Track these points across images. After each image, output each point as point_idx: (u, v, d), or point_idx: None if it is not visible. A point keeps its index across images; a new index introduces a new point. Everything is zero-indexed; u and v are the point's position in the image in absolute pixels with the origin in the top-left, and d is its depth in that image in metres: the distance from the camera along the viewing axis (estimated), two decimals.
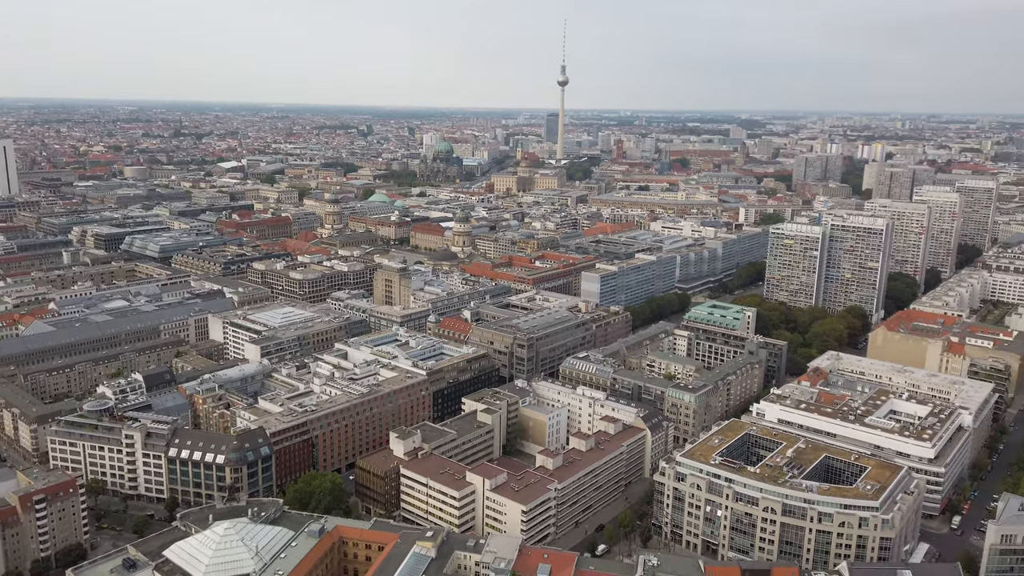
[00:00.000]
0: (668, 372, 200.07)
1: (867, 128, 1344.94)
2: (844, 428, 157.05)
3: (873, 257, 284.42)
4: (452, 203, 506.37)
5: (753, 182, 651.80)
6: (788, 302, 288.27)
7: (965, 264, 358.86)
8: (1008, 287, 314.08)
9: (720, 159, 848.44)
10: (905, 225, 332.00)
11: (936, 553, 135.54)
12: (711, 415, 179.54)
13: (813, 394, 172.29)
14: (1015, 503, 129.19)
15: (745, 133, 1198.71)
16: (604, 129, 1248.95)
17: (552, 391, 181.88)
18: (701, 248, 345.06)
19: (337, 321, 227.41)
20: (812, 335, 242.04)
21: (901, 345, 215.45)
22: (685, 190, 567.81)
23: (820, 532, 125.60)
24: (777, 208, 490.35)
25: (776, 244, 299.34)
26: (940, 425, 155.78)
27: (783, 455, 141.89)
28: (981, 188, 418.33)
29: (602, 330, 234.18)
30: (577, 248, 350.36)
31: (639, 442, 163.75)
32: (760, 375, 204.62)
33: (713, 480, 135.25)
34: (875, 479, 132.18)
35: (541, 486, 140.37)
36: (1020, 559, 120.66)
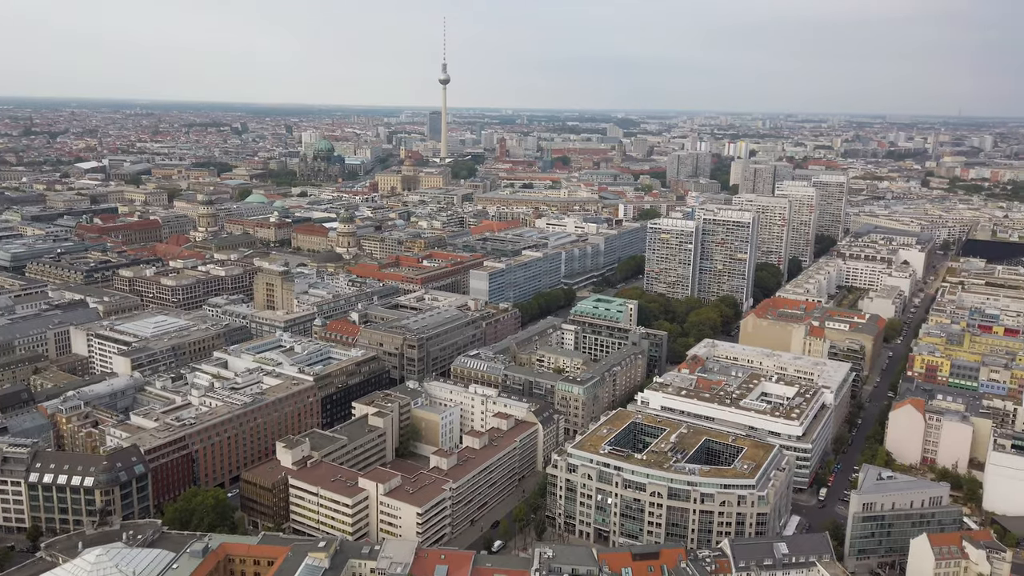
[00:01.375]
0: (557, 366, 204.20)
1: (732, 127, 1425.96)
2: (721, 412, 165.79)
3: (742, 249, 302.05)
4: (335, 203, 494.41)
5: (631, 179, 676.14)
6: (667, 293, 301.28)
7: (822, 253, 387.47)
8: (860, 273, 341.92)
9: (599, 157, 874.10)
10: (769, 218, 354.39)
11: (806, 524, 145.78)
12: (599, 406, 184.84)
13: (692, 381, 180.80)
14: (873, 473, 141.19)
15: (622, 132, 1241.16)
16: (487, 128, 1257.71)
17: (444, 391, 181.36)
18: (584, 244, 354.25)
19: (215, 329, 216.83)
20: (689, 324, 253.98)
21: (769, 331, 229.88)
22: (567, 187, 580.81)
23: (703, 512, 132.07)
24: (654, 204, 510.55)
25: (654, 239, 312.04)
26: (806, 404, 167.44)
27: (667, 441, 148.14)
28: (834, 183, 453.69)
29: (492, 327, 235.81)
30: (464, 246, 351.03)
31: (531, 436, 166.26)
32: (643, 365, 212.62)
33: (603, 469, 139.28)
34: (751, 458, 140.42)
35: (436, 487, 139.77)
36: (879, 525, 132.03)
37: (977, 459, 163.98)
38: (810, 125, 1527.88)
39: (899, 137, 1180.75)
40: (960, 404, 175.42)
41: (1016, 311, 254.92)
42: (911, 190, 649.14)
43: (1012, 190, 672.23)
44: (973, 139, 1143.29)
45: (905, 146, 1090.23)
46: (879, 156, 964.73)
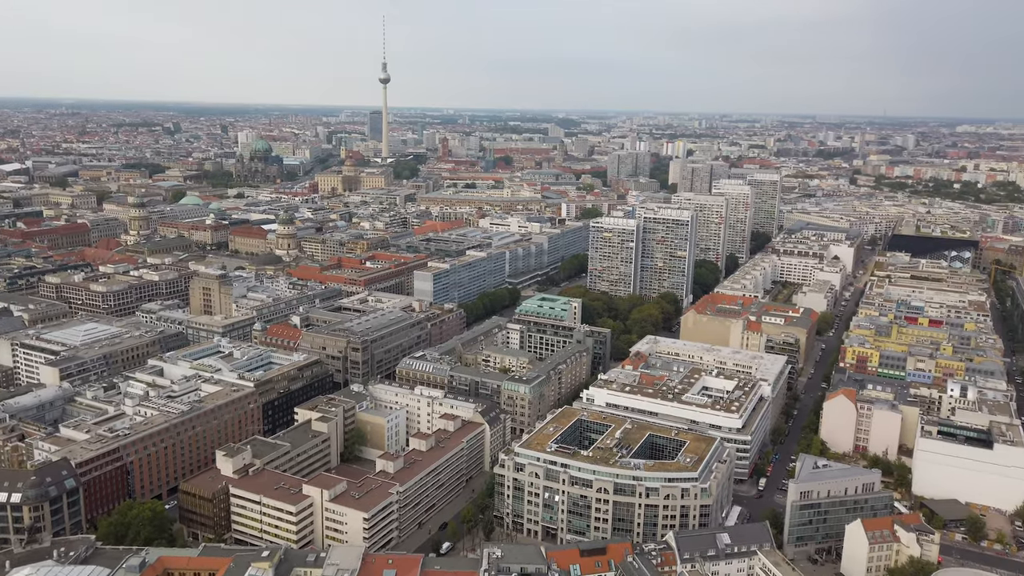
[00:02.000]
0: (503, 366, 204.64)
1: (669, 127, 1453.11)
2: (664, 406, 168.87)
3: (681, 246, 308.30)
4: (274, 204, 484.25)
5: (572, 179, 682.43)
6: (610, 291, 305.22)
7: (758, 249, 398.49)
8: (794, 269, 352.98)
9: (541, 157, 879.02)
10: (707, 216, 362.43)
11: (747, 514, 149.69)
12: (545, 404, 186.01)
13: (635, 377, 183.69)
14: (810, 462, 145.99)
15: (563, 132, 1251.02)
16: (429, 127, 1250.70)
17: (390, 393, 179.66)
18: (528, 243, 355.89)
19: (150, 335, 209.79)
20: (632, 321, 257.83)
21: (709, 326, 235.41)
22: (510, 187, 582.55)
23: (648, 506, 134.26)
24: (595, 203, 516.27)
25: (596, 237, 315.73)
26: (745, 397, 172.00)
27: (612, 437, 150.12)
28: (767, 181, 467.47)
29: (437, 328, 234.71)
30: (408, 247, 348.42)
31: (478, 437, 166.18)
32: (588, 362, 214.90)
33: (550, 467, 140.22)
34: (693, 452, 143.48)
35: (382, 491, 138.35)
36: (816, 512, 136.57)
37: (906, 445, 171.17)
38: (744, 125, 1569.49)
39: (828, 136, 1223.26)
40: (889, 393, 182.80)
41: (939, 303, 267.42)
42: (840, 188, 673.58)
43: (933, 187, 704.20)
44: (897, 138, 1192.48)
45: (834, 145, 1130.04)
46: (810, 155, 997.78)
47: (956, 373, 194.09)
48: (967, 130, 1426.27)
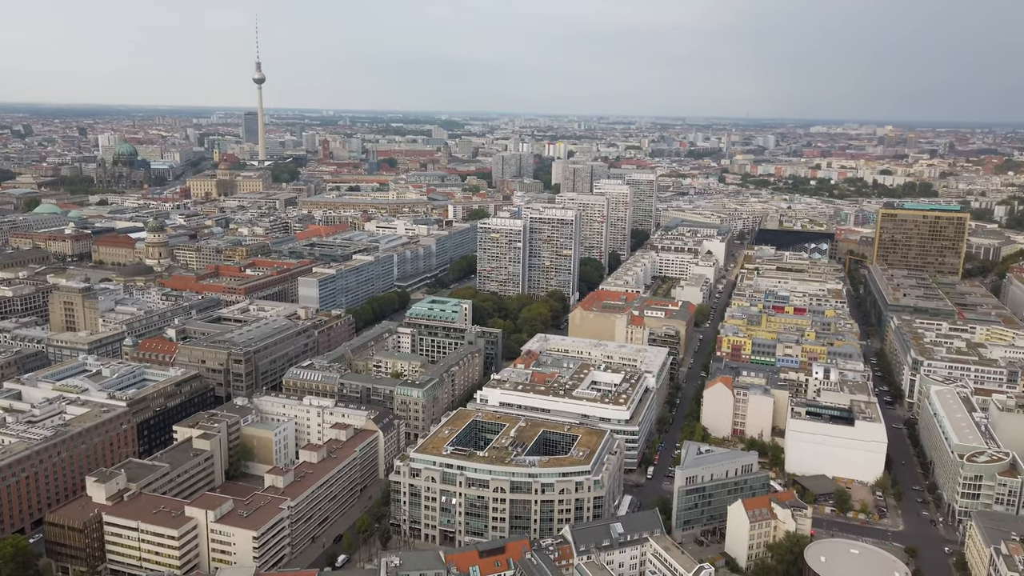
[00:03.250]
0: (395, 370, 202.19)
1: (550, 128, 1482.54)
2: (556, 403, 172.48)
3: (567, 245, 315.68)
4: (142, 211, 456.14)
5: (458, 180, 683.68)
6: (499, 291, 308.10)
7: (638, 247, 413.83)
8: (671, 264, 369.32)
9: (426, 158, 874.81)
10: (590, 215, 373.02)
11: (638, 503, 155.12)
12: (439, 407, 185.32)
13: (527, 375, 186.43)
14: (693, 449, 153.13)
15: (446, 133, 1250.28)
16: (308, 129, 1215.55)
17: (276, 405, 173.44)
18: (416, 246, 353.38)
19: (4, 356, 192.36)
20: (522, 320, 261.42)
21: (595, 322, 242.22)
22: (395, 189, 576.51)
23: (544, 502, 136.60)
24: (482, 204, 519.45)
25: (484, 238, 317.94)
26: (632, 389, 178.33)
27: (507, 436, 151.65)
28: (644, 180, 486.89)
29: (325, 335, 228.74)
30: (291, 253, 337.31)
31: (372, 444, 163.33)
32: (480, 363, 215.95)
33: (446, 470, 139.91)
34: (585, 445, 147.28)
35: (272, 507, 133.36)
36: (701, 496, 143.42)
37: (779, 427, 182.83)
38: (620, 127, 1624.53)
39: (697, 137, 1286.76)
40: (762, 379, 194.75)
41: (802, 292, 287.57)
42: (710, 186, 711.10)
43: (793, 184, 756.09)
44: (759, 139, 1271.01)
45: (703, 146, 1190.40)
46: (682, 155, 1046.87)
47: (819, 357, 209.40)
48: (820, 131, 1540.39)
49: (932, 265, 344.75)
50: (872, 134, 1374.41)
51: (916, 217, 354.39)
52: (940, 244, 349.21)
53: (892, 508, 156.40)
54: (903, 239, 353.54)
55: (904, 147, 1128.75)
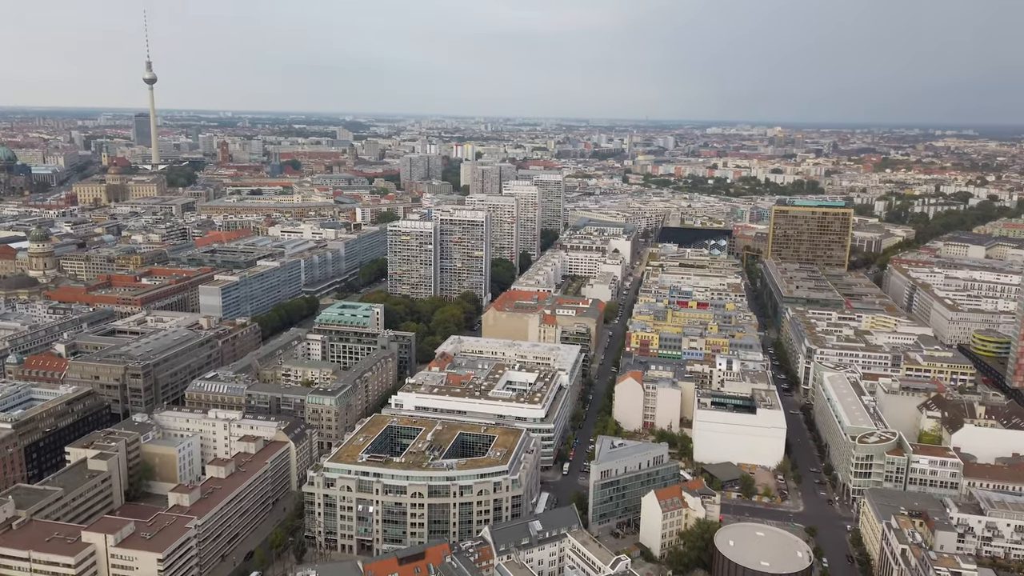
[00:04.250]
0: (306, 379, 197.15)
1: (457, 130, 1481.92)
2: (472, 404, 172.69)
3: (478, 246, 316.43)
4: (23, 219, 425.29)
5: (365, 182, 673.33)
6: (411, 294, 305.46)
7: (548, 246, 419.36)
8: (580, 263, 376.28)
9: (331, 161, 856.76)
10: (499, 216, 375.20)
11: (555, 499, 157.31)
12: (353, 414, 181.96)
13: (443, 378, 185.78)
14: (607, 443, 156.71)
15: (352, 135, 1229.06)
16: (205, 131, 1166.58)
17: (179, 420, 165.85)
18: (324, 250, 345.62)
19: None
20: (435, 323, 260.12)
21: (508, 322, 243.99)
22: (300, 192, 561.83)
23: (463, 505, 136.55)
24: (390, 207, 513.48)
25: (394, 241, 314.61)
26: (546, 388, 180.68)
27: (424, 440, 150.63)
28: (552, 181, 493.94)
29: (229, 345, 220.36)
30: (190, 260, 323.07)
31: (283, 456, 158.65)
32: (394, 367, 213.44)
33: (362, 478, 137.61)
34: (502, 445, 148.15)
35: (178, 527, 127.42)
36: (616, 489, 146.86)
37: (686, 418, 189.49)
38: (527, 128, 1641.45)
39: (601, 139, 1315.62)
40: (669, 372, 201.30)
41: (704, 287, 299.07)
42: (615, 186, 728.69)
43: (692, 183, 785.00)
44: (659, 140, 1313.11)
45: (606, 147, 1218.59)
46: (586, 156, 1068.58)
47: (722, 349, 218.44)
48: (716, 132, 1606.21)
49: (821, 258, 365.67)
50: (763, 135, 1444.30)
51: (805, 213, 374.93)
52: (828, 238, 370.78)
53: (793, 490, 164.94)
54: (794, 234, 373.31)
55: (792, 147, 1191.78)
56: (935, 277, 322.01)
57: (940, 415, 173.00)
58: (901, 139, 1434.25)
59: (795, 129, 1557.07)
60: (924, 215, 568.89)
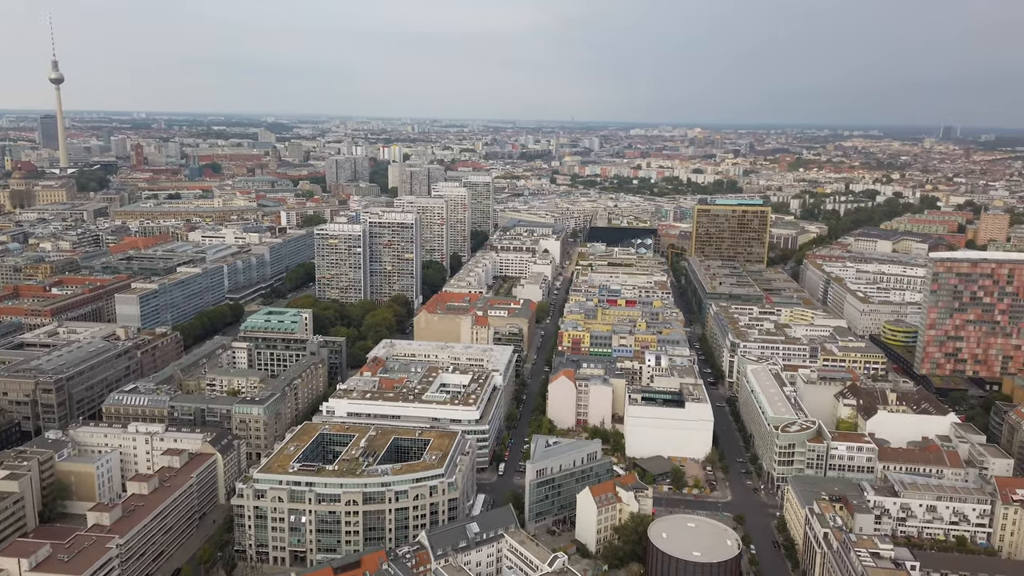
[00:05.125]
0: (232, 388, 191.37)
1: (384, 131, 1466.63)
2: (406, 408, 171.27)
3: (408, 249, 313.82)
4: None
5: (290, 185, 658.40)
6: (340, 299, 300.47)
7: (478, 248, 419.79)
8: (511, 264, 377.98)
9: (253, 163, 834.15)
10: (429, 218, 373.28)
11: (491, 500, 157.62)
12: (282, 423, 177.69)
13: (375, 382, 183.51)
14: (542, 442, 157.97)
15: (274, 137, 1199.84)
16: (117, 133, 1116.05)
17: (97, 435, 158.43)
18: (248, 255, 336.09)
19: None
20: (366, 327, 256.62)
21: (440, 324, 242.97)
22: (221, 196, 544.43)
23: (399, 510, 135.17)
24: (317, 210, 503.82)
25: (322, 244, 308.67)
26: (480, 389, 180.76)
27: (357, 446, 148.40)
28: (481, 183, 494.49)
29: (149, 356, 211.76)
30: (105, 268, 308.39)
31: (210, 468, 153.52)
32: (324, 374, 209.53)
33: (294, 488, 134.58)
34: (437, 448, 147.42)
35: (98, 548, 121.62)
36: (551, 487, 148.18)
37: (618, 414, 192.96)
38: (454, 130, 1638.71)
39: (528, 140, 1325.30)
40: (600, 369, 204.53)
41: (632, 285, 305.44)
42: (543, 187, 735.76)
43: (618, 183, 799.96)
44: (585, 141, 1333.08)
45: (534, 148, 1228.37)
46: (514, 157, 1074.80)
47: (651, 345, 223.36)
48: (639, 133, 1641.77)
49: (741, 255, 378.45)
50: (684, 136, 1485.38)
51: (726, 212, 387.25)
52: (747, 236, 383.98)
53: (721, 481, 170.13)
54: (716, 232, 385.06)
55: (712, 148, 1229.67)
56: (847, 271, 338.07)
57: (855, 403, 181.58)
58: (812, 139, 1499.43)
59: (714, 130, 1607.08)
60: (836, 212, 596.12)
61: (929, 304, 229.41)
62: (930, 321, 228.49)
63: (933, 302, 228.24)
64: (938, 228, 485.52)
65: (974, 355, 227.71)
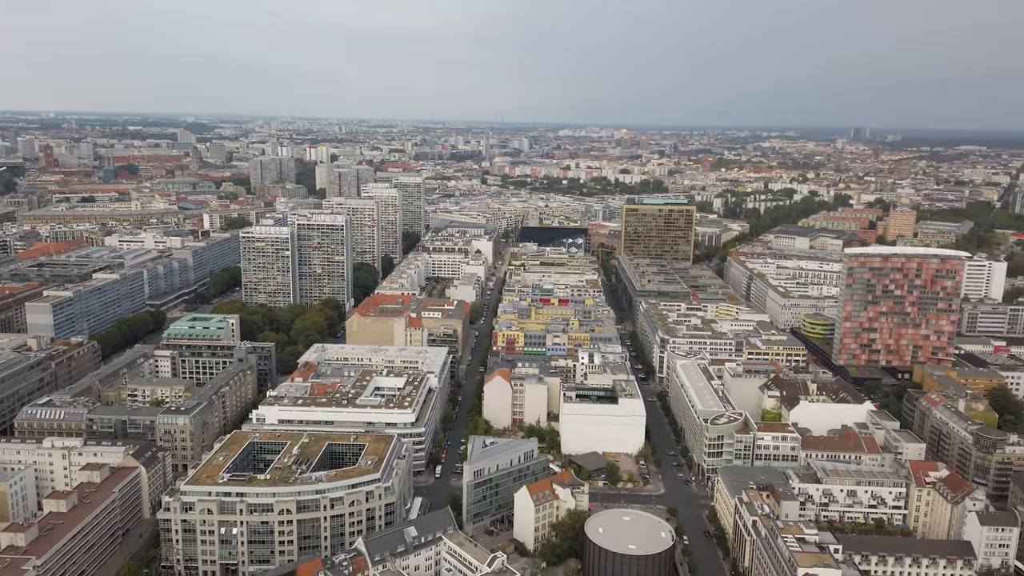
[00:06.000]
0: (155, 398, 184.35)
1: (310, 132, 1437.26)
2: (340, 413, 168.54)
3: (338, 251, 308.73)
4: None
5: (212, 187, 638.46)
6: (268, 303, 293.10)
7: (410, 249, 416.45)
8: (444, 264, 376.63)
9: (173, 164, 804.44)
10: (360, 219, 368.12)
11: (428, 503, 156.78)
12: (210, 433, 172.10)
13: (307, 388, 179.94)
14: (479, 443, 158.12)
15: (195, 137, 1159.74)
16: (24, 133, 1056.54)
17: (9, 452, 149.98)
18: (170, 259, 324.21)
19: None
20: (296, 332, 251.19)
21: (373, 327, 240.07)
22: (139, 199, 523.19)
23: (334, 517, 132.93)
24: (241, 212, 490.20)
25: (248, 248, 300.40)
26: (415, 392, 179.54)
27: (290, 454, 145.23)
28: (412, 183, 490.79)
29: (64, 367, 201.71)
30: (14, 275, 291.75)
31: (133, 483, 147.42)
32: (253, 381, 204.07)
33: (224, 499, 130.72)
34: (373, 453, 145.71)
35: (13, 570, 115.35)
36: (489, 487, 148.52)
37: (553, 412, 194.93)
38: (382, 130, 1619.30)
39: (458, 141, 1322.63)
40: (535, 368, 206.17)
41: (564, 284, 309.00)
42: (474, 187, 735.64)
43: (548, 184, 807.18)
44: (514, 142, 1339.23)
45: (464, 149, 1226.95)
46: (444, 158, 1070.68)
47: (584, 343, 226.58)
48: (567, 134, 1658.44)
49: (669, 253, 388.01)
50: (611, 136, 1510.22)
51: (653, 211, 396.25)
52: (674, 234, 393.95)
53: (654, 474, 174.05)
54: (644, 231, 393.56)
55: (638, 148, 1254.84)
56: (768, 267, 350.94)
57: (779, 394, 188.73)
58: (733, 140, 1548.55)
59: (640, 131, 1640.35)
60: (756, 210, 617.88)
61: (845, 298, 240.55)
62: (846, 314, 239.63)
63: (848, 296, 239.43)
64: (851, 225, 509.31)
65: (887, 345, 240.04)
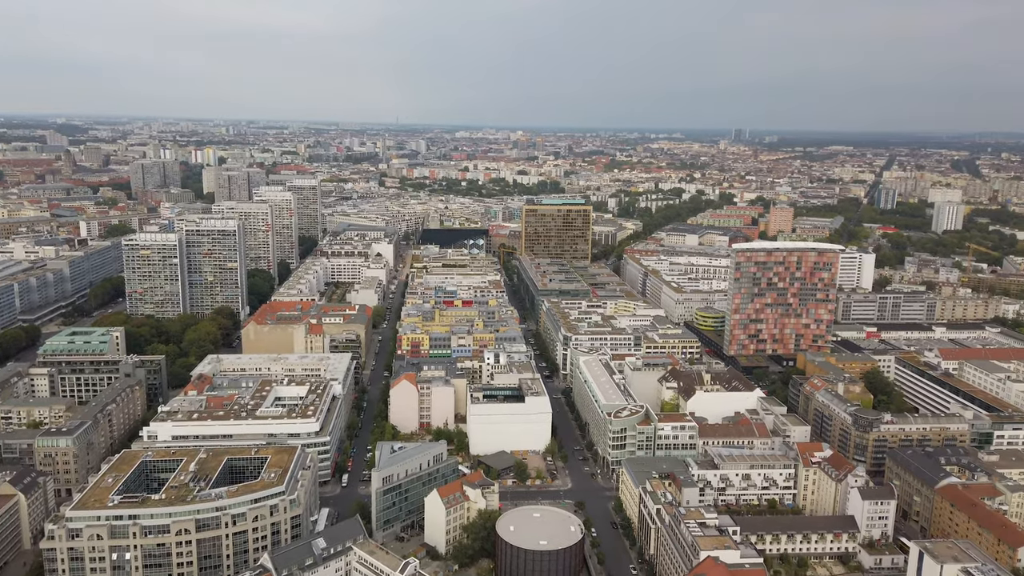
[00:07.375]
0: (32, 420, 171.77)
1: (195, 134, 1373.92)
2: (239, 426, 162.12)
3: (231, 257, 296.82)
4: None
5: (89, 192, 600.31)
6: (156, 314, 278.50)
7: (307, 254, 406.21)
8: (343, 269, 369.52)
9: (43, 169, 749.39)
10: (253, 224, 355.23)
11: (336, 513, 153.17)
12: (96, 454, 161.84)
13: (202, 402, 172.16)
14: (387, 448, 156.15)
15: (67, 139, 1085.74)
16: None
17: None
18: (43, 271, 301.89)
19: None
20: (188, 343, 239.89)
21: (271, 336, 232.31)
22: (6, 207, 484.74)
23: (237, 534, 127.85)
24: (123, 219, 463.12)
25: (132, 256, 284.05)
26: (319, 400, 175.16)
27: (186, 471, 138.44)
28: (307, 186, 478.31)
29: None
30: None
31: (11, 512, 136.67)
32: (143, 396, 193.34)
33: (115, 523, 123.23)
34: (277, 466, 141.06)
35: None
36: (398, 493, 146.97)
37: (461, 413, 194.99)
38: (273, 132, 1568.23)
39: (353, 142, 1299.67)
40: (441, 371, 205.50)
41: (467, 285, 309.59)
42: (372, 190, 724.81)
43: (447, 185, 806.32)
44: (411, 143, 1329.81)
45: (360, 150, 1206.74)
46: (340, 160, 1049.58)
47: (489, 344, 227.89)
48: (464, 135, 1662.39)
49: (568, 252, 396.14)
50: (507, 138, 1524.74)
51: (552, 211, 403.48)
52: (572, 234, 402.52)
53: (561, 470, 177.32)
54: (544, 231, 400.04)
55: (534, 150, 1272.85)
56: (662, 264, 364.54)
57: (676, 385, 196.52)
58: (624, 142, 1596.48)
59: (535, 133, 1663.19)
60: (648, 209, 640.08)
61: (733, 291, 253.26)
62: (735, 306, 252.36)
63: (736, 289, 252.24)
64: (735, 222, 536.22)
65: (772, 335, 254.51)
